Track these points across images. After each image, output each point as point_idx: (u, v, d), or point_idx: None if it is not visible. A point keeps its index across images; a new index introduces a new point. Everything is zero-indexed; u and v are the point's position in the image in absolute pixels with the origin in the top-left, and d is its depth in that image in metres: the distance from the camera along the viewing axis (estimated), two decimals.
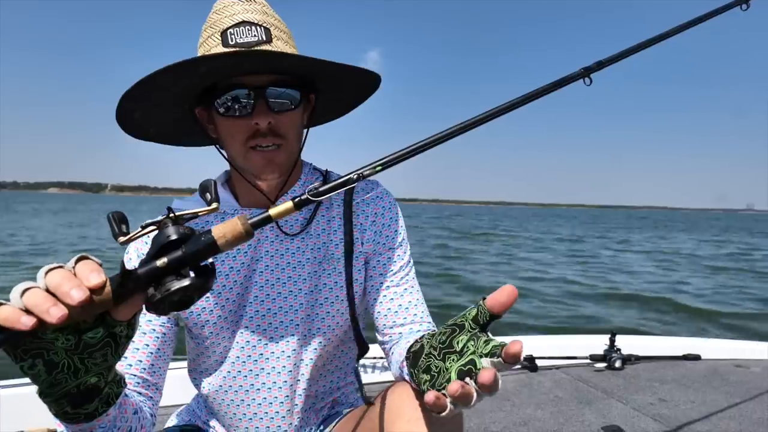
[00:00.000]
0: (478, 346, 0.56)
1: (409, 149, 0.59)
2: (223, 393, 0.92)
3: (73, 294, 0.44)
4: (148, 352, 0.84)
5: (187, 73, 0.76)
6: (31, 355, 0.48)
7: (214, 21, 0.82)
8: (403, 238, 0.96)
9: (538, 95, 0.64)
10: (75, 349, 0.49)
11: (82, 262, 0.48)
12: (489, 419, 2.08)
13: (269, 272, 0.89)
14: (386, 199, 0.95)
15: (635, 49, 0.72)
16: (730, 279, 11.30)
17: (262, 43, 0.81)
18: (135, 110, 0.81)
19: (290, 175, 0.90)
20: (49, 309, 0.43)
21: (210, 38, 0.82)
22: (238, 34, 0.80)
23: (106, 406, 0.57)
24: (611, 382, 2.53)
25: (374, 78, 0.89)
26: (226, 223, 0.50)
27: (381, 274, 0.92)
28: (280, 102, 0.82)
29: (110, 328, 0.50)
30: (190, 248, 0.49)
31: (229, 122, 0.82)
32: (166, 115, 0.88)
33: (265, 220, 0.52)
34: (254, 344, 0.89)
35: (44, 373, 0.49)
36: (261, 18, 0.82)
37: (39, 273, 0.47)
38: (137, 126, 0.87)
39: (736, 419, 2.11)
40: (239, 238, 0.50)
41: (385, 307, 0.91)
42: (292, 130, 0.85)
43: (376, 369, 2.43)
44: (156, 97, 0.80)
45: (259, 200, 0.90)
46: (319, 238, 0.91)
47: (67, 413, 0.54)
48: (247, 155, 0.83)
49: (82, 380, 0.52)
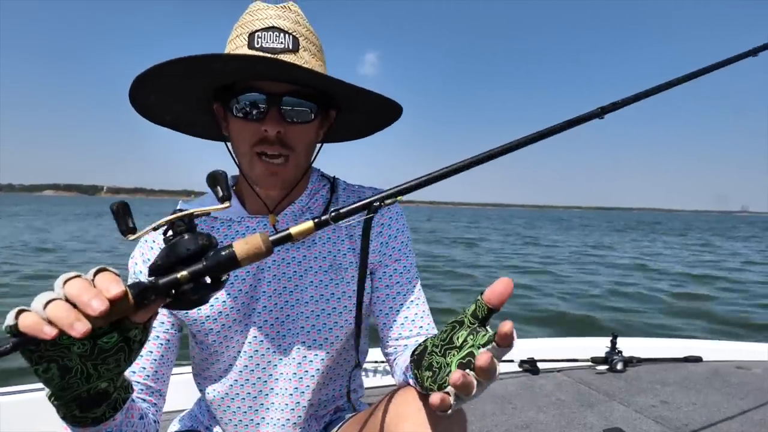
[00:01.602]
0: (477, 339, 0.57)
1: (428, 177, 0.61)
2: (229, 400, 0.92)
3: (94, 305, 0.45)
4: (151, 359, 0.84)
5: (200, 67, 0.75)
6: (47, 360, 0.49)
7: (246, 22, 0.82)
8: (410, 249, 0.95)
9: (555, 132, 0.66)
10: (90, 355, 0.50)
11: (102, 273, 0.48)
12: (491, 422, 2.08)
13: (276, 281, 0.88)
14: (392, 210, 0.94)
15: (649, 93, 0.75)
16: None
17: (287, 51, 0.80)
18: (149, 94, 0.81)
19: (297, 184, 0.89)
20: (74, 324, 0.44)
21: (238, 38, 0.82)
22: (265, 38, 0.80)
23: (114, 411, 0.58)
24: (613, 384, 2.53)
25: (394, 106, 0.87)
26: (248, 238, 0.52)
27: (387, 285, 0.92)
28: (294, 112, 0.81)
29: (125, 332, 0.51)
30: (212, 263, 0.50)
31: (240, 124, 0.81)
32: (186, 104, 0.88)
33: (285, 238, 0.53)
34: (262, 353, 0.89)
35: (57, 378, 0.50)
36: (291, 26, 0.81)
37: (57, 282, 0.47)
38: (152, 109, 0.87)
39: (738, 421, 2.11)
40: (259, 255, 0.51)
41: (390, 319, 0.91)
42: (302, 143, 0.84)
43: (378, 373, 2.43)
44: (172, 86, 0.80)
45: (266, 209, 0.90)
46: (324, 246, 0.91)
47: (75, 416, 0.55)
48: (252, 161, 0.82)
49: (93, 385, 0.53)
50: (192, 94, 0.85)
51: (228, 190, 0.55)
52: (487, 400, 2.30)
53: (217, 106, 0.86)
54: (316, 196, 0.94)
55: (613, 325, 6.00)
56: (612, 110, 0.70)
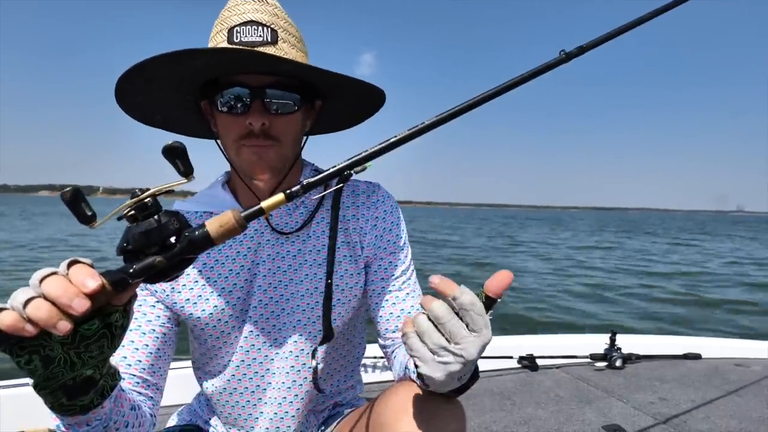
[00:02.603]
0: None
1: (398, 137, 0.57)
2: (227, 395, 0.92)
3: (75, 305, 0.44)
4: (147, 352, 0.84)
5: (181, 63, 0.75)
6: (28, 351, 0.48)
7: (224, 18, 0.82)
8: (405, 242, 0.95)
9: (521, 82, 0.62)
10: (71, 343, 0.50)
11: (75, 266, 0.48)
12: (490, 418, 2.08)
13: (272, 275, 0.89)
14: (387, 203, 0.95)
15: (615, 33, 0.68)
16: None
17: (266, 44, 0.81)
18: (136, 94, 0.81)
19: (286, 176, 0.88)
20: (57, 324, 0.44)
21: (218, 34, 0.82)
22: (244, 32, 0.80)
23: (101, 399, 0.58)
24: (612, 381, 2.53)
25: (377, 92, 0.87)
26: (220, 216, 0.51)
27: (382, 278, 0.92)
28: (279, 104, 0.81)
29: (106, 318, 0.50)
30: (186, 244, 0.50)
31: (225, 119, 0.82)
32: (172, 103, 0.88)
33: (257, 212, 0.52)
34: (259, 347, 0.89)
35: (41, 368, 0.49)
36: (269, 19, 0.82)
37: (32, 280, 0.47)
38: (141, 110, 0.87)
39: (737, 418, 2.11)
40: (232, 230, 0.51)
41: (387, 312, 0.91)
42: (287, 134, 0.84)
43: (377, 369, 2.43)
44: (157, 83, 0.79)
45: (259, 201, 0.90)
46: (318, 240, 0.91)
47: (62, 405, 0.54)
48: (238, 151, 0.83)
49: (78, 373, 0.52)
50: (178, 92, 0.85)
51: (189, 164, 0.53)
52: (486, 396, 2.31)
53: (205, 103, 0.87)
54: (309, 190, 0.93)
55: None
56: (578, 54, 0.66)
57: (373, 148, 0.56)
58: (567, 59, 0.65)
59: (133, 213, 0.50)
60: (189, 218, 0.91)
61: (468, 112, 0.59)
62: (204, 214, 0.91)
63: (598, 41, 0.67)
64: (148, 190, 0.51)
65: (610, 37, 0.68)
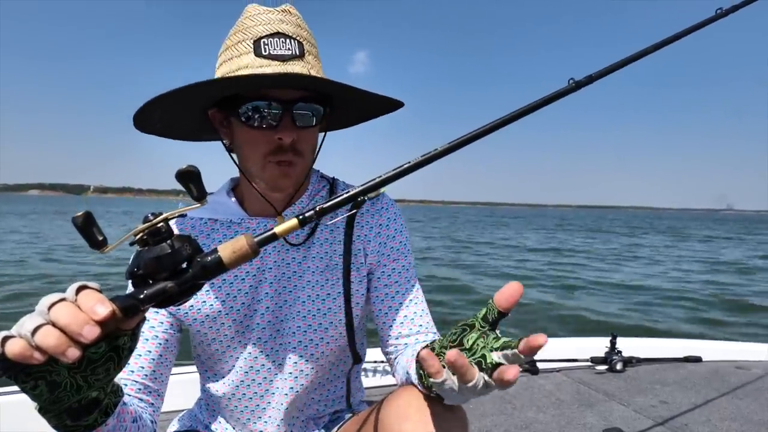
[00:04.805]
0: (488, 342, 0.57)
1: (411, 164, 0.58)
2: (233, 401, 0.92)
3: (86, 333, 0.44)
4: (150, 359, 0.84)
5: (228, 86, 0.76)
6: (34, 378, 0.47)
7: (247, 27, 0.80)
8: (408, 248, 0.95)
9: (533, 110, 0.64)
10: (78, 368, 0.49)
11: (84, 292, 0.47)
12: (490, 422, 2.08)
13: (277, 282, 0.89)
14: (391, 210, 0.95)
15: (622, 63, 0.72)
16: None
17: (295, 57, 0.80)
18: (155, 111, 0.80)
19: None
20: (66, 352, 0.44)
21: (240, 44, 0.80)
22: (272, 45, 0.79)
23: (105, 417, 0.58)
24: (612, 384, 2.53)
25: (396, 103, 0.88)
26: (233, 241, 0.50)
27: (386, 285, 0.92)
28: (305, 117, 0.81)
29: (114, 341, 0.50)
30: (198, 270, 0.49)
31: (252, 132, 0.81)
32: (178, 114, 0.87)
33: (270, 238, 0.52)
34: (267, 353, 0.89)
35: (46, 393, 0.49)
36: (295, 31, 0.81)
37: (40, 306, 0.46)
38: (148, 123, 0.86)
39: (738, 421, 2.11)
40: (245, 256, 0.50)
41: (390, 318, 0.91)
42: (309, 146, 0.85)
43: (378, 373, 2.43)
44: (176, 105, 0.80)
45: (267, 210, 0.90)
46: (322, 247, 0.91)
47: (67, 426, 0.54)
48: (265, 167, 0.82)
49: (84, 395, 0.52)
50: (191, 108, 0.84)
51: (202, 188, 0.53)
52: (487, 400, 2.30)
53: (214, 112, 0.85)
54: (316, 198, 0.94)
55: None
56: (587, 83, 0.68)
57: (387, 174, 0.57)
58: (576, 88, 0.67)
59: (144, 237, 0.50)
60: (194, 224, 0.91)
61: (476, 141, 0.61)
62: (209, 221, 0.91)
63: (607, 71, 0.70)
64: (161, 215, 0.50)
65: (618, 66, 0.71)
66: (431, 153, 0.59)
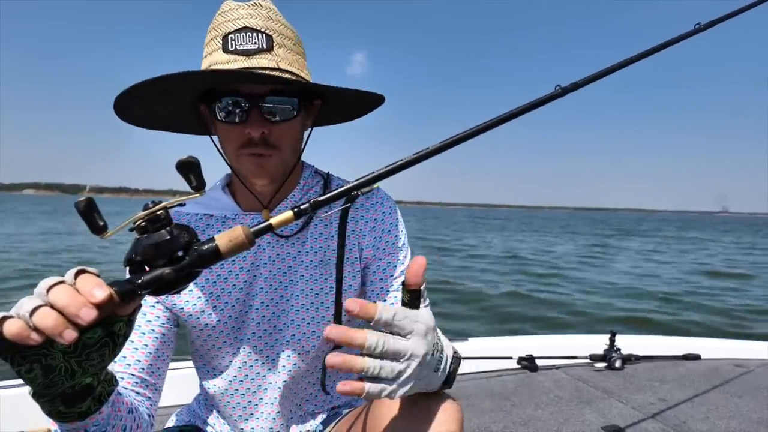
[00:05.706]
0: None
1: (403, 161, 0.60)
2: (228, 396, 0.92)
3: (83, 315, 0.45)
4: (147, 353, 0.84)
5: (176, 84, 0.77)
6: (29, 360, 0.48)
7: (218, 24, 0.82)
8: (404, 243, 0.95)
9: (518, 114, 0.66)
10: (73, 352, 0.49)
11: (82, 276, 0.48)
12: (489, 419, 2.08)
13: (272, 277, 0.89)
14: (386, 205, 0.95)
15: (607, 71, 0.75)
16: None
17: (262, 51, 0.80)
18: (134, 109, 0.81)
19: (287, 179, 0.89)
20: (63, 333, 0.44)
21: (212, 41, 0.82)
22: (238, 40, 0.79)
23: (99, 405, 0.58)
24: (611, 381, 2.53)
25: (376, 97, 0.88)
26: (229, 231, 0.51)
27: (381, 279, 0.92)
28: (277, 110, 0.81)
29: (110, 327, 0.50)
30: (195, 258, 0.50)
31: (224, 127, 0.82)
32: (172, 110, 0.88)
33: (266, 228, 0.53)
34: (261, 348, 0.89)
35: (41, 377, 0.49)
36: (264, 24, 0.81)
37: (39, 288, 0.47)
38: (142, 121, 0.88)
39: (737, 419, 2.11)
40: (241, 245, 0.51)
41: None
42: (287, 140, 0.84)
43: None
44: (153, 100, 0.80)
45: (260, 205, 0.90)
46: (316, 242, 0.91)
47: (60, 412, 0.54)
48: (239, 159, 0.83)
49: (78, 381, 0.52)
50: (175, 103, 0.85)
51: (201, 179, 0.53)
52: (485, 396, 2.31)
53: (203, 107, 0.87)
54: (309, 192, 0.94)
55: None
56: (573, 90, 0.71)
57: (380, 170, 0.59)
58: (563, 93, 0.71)
59: (144, 225, 0.50)
60: (189, 220, 0.91)
61: (467, 141, 0.64)
62: (204, 216, 0.91)
63: (592, 78, 0.73)
64: (161, 203, 0.51)
65: (603, 74, 0.75)
66: (423, 152, 0.61)
